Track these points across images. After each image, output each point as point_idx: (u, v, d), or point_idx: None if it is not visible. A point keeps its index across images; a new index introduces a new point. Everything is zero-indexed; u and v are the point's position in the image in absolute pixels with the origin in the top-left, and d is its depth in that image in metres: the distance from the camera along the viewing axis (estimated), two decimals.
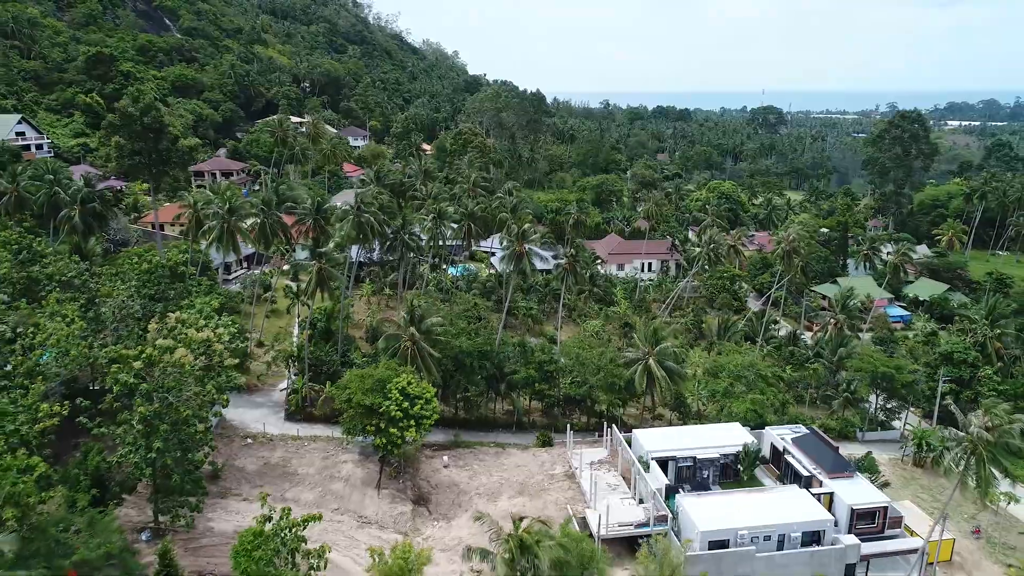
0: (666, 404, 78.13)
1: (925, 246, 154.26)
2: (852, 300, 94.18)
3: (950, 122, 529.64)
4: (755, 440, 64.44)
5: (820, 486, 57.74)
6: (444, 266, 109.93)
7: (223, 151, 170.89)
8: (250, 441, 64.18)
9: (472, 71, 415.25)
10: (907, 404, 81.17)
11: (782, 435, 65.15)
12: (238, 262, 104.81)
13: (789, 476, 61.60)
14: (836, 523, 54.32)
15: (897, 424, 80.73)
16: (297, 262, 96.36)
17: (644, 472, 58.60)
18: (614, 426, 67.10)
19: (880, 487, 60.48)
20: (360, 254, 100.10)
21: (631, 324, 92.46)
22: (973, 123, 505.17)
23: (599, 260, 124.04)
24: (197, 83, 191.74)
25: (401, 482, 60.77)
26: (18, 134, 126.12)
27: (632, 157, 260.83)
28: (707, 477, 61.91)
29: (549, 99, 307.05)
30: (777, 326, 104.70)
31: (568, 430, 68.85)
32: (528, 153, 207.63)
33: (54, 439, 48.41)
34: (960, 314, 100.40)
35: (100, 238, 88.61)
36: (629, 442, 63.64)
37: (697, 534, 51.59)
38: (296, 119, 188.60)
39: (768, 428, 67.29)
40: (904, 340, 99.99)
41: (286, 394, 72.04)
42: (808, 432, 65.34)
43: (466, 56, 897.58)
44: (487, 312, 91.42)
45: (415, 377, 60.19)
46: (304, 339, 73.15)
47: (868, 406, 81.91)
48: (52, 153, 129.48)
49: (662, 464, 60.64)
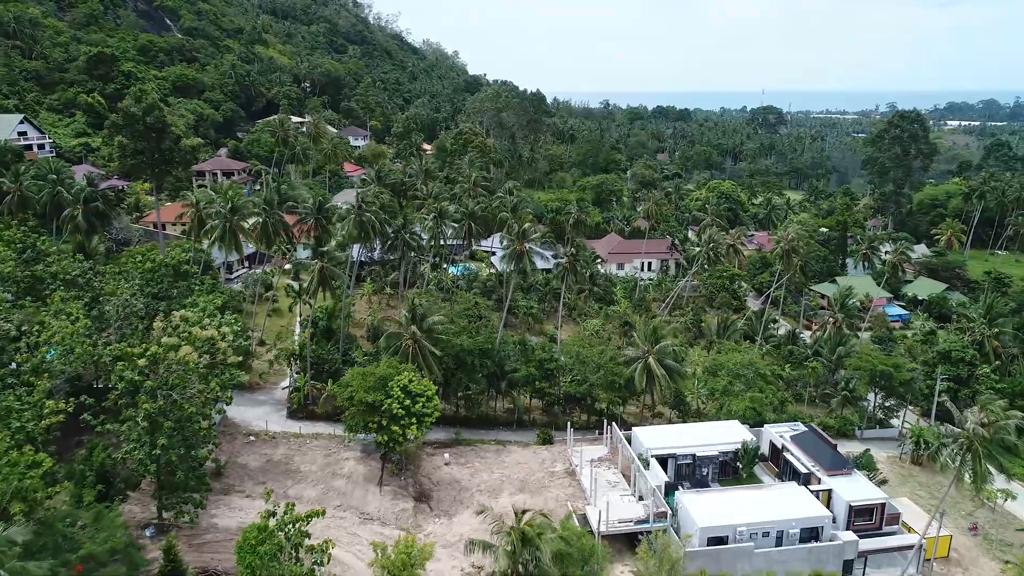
0: (666, 402, 78.60)
1: (924, 245, 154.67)
2: (851, 299, 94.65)
3: (950, 122, 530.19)
4: (754, 438, 64.91)
5: (818, 483, 58.20)
6: (445, 265, 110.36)
7: (224, 151, 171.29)
8: (253, 439, 64.66)
9: (472, 71, 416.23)
10: (905, 402, 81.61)
11: (781, 433, 65.62)
12: (240, 261, 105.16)
13: (788, 473, 62.07)
14: (834, 519, 54.84)
15: (895, 422, 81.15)
16: (299, 261, 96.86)
17: (644, 469, 59.04)
18: (614, 424, 67.56)
19: (878, 484, 60.94)
20: (361, 253, 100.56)
21: (631, 323, 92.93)
22: (973, 123, 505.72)
23: (599, 259, 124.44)
24: (198, 83, 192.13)
25: (403, 479, 61.22)
26: (20, 134, 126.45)
27: (632, 157, 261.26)
28: (706, 474, 62.42)
29: (549, 99, 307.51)
30: (776, 325, 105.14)
31: (568, 428, 69.33)
32: (528, 153, 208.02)
33: (59, 436, 48.96)
34: (958, 313, 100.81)
35: (103, 237, 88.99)
36: (629, 440, 64.09)
37: (696, 530, 52.05)
38: (297, 119, 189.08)
39: (767, 426, 67.78)
40: (903, 339, 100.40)
41: (288, 392, 72.49)
42: (807, 430, 65.82)
43: (466, 56, 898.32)
44: (488, 311, 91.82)
45: (416, 375, 60.62)
46: (306, 337, 73.59)
47: (867, 404, 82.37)
48: (54, 153, 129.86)
49: (662, 462, 61.12)
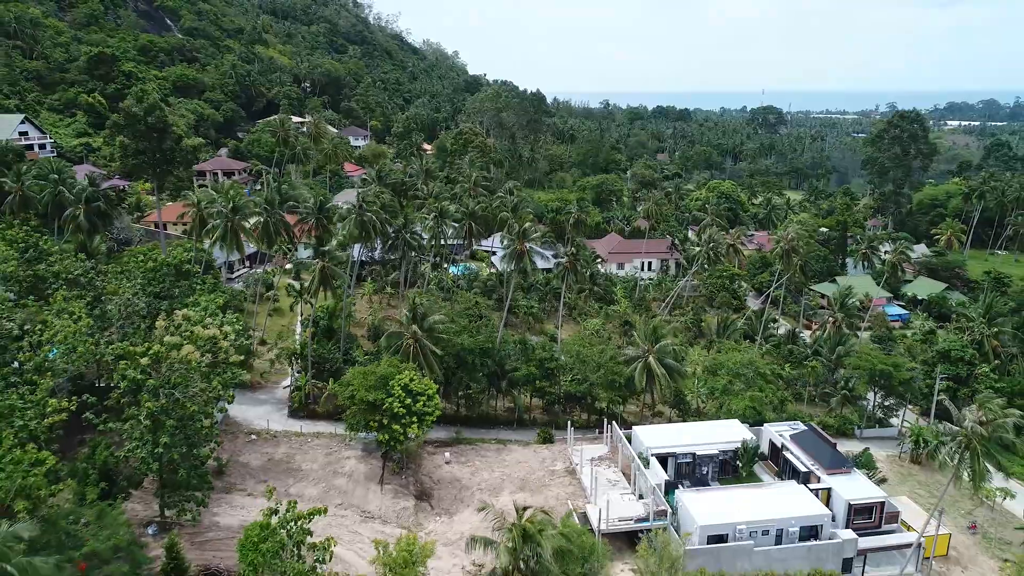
0: (666, 401, 78.80)
1: (924, 245, 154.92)
2: (851, 299, 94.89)
3: (950, 122, 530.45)
4: (754, 437, 65.09)
5: (818, 482, 58.40)
6: (445, 265, 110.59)
7: (224, 151, 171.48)
8: (254, 437, 64.88)
9: (472, 71, 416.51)
10: (905, 402, 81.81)
11: (780, 432, 65.81)
12: (241, 261, 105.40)
13: (787, 472, 62.26)
14: (834, 518, 55.01)
15: (895, 421, 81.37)
16: (299, 261, 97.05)
17: (644, 468, 59.23)
18: (614, 423, 67.77)
19: (877, 483, 61.15)
20: (362, 253, 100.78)
21: (631, 322, 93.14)
22: (973, 123, 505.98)
23: (599, 259, 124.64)
24: (198, 83, 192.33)
25: (403, 478, 61.44)
26: (21, 134, 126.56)
27: (632, 157, 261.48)
28: (706, 473, 62.62)
29: (549, 99, 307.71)
30: (776, 325, 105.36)
31: (569, 427, 69.52)
32: (528, 153, 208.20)
33: (62, 434, 49.15)
34: (958, 313, 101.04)
35: (104, 237, 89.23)
36: (629, 439, 64.29)
37: (696, 528, 52.26)
38: (297, 119, 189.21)
39: (767, 425, 67.98)
40: (902, 339, 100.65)
41: (289, 391, 72.70)
42: (806, 429, 66.02)
43: (466, 56, 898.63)
44: (488, 311, 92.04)
45: (417, 374, 60.85)
46: (307, 337, 73.82)
47: (866, 404, 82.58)
48: (55, 153, 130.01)
49: (662, 460, 61.33)
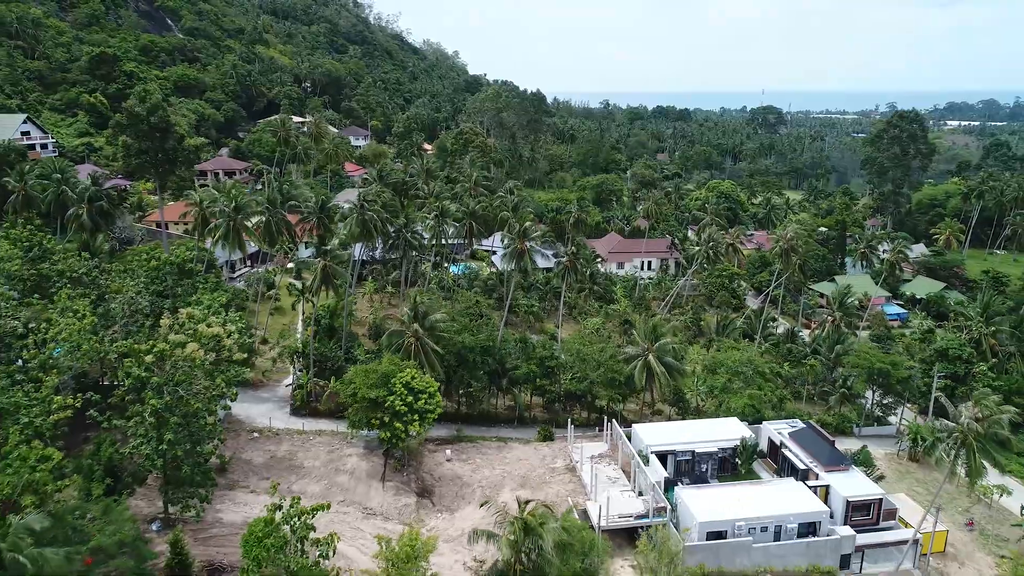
0: (665, 400, 79.26)
1: (923, 245, 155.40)
2: (849, 298, 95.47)
3: (949, 122, 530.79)
4: (753, 434, 65.55)
5: (816, 479, 58.82)
6: (446, 264, 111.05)
7: (225, 151, 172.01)
8: (256, 435, 65.30)
9: (472, 71, 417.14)
10: (903, 400, 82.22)
11: (779, 429, 66.24)
12: (242, 260, 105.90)
13: (786, 469, 62.70)
14: (832, 515, 55.41)
15: (893, 420, 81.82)
16: (301, 260, 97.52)
17: (644, 465, 59.64)
18: (614, 421, 68.20)
19: (875, 480, 61.59)
20: (363, 252, 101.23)
21: (631, 321, 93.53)
22: (972, 123, 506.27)
23: (599, 258, 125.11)
24: (199, 83, 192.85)
25: (405, 475, 61.87)
26: (23, 133, 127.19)
27: (632, 157, 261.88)
28: (705, 470, 63.05)
29: (549, 99, 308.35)
30: (775, 324, 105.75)
31: (569, 425, 69.94)
32: (529, 153, 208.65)
33: (67, 431, 49.61)
34: (956, 312, 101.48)
35: (107, 236, 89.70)
36: (629, 436, 64.72)
37: (695, 525, 52.68)
38: (298, 119, 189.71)
39: (765, 423, 68.37)
40: (901, 337, 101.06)
41: (291, 389, 73.11)
42: (805, 427, 66.48)
43: (466, 56, 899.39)
44: (488, 310, 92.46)
45: (418, 372, 61.31)
46: (309, 335, 74.26)
47: (865, 402, 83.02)
48: (57, 152, 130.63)
49: (661, 458, 61.73)
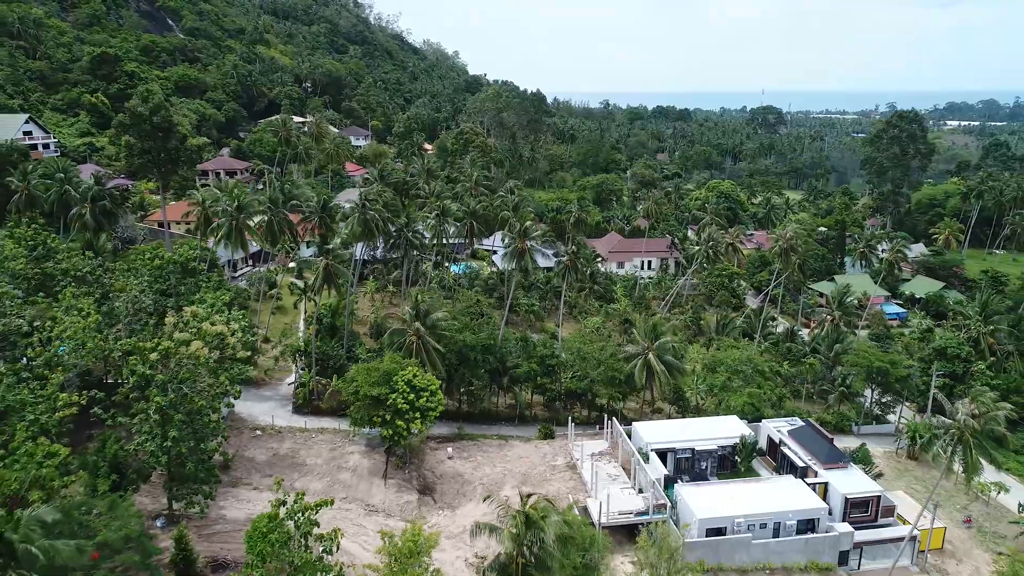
0: (665, 398, 79.69)
1: (922, 245, 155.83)
2: (849, 297, 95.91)
3: (949, 122, 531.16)
4: (752, 432, 66.02)
5: (815, 476, 59.23)
6: (447, 264, 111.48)
7: (226, 150, 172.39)
8: (259, 433, 65.75)
9: (473, 71, 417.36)
10: (902, 398, 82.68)
11: (778, 427, 66.69)
12: (244, 259, 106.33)
13: (785, 467, 63.14)
14: (830, 512, 55.92)
15: (892, 418, 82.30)
16: (302, 259, 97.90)
17: (644, 463, 60.07)
18: (614, 419, 68.62)
19: (874, 478, 61.99)
20: (364, 252, 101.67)
21: (631, 320, 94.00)
22: (972, 123, 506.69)
23: (599, 258, 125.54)
24: (200, 83, 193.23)
25: (407, 472, 62.32)
26: (25, 133, 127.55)
27: (632, 157, 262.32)
28: (705, 468, 63.50)
29: (549, 99, 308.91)
30: (775, 323, 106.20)
31: (569, 423, 70.39)
32: (529, 153, 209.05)
33: (72, 429, 50.02)
34: (955, 311, 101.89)
35: (110, 235, 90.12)
36: (629, 434, 65.17)
37: (695, 522, 53.15)
38: (299, 119, 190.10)
39: (765, 421, 68.82)
40: (900, 336, 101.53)
41: (293, 388, 73.54)
42: (804, 424, 66.90)
43: (467, 56, 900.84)
44: (489, 309, 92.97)
45: (420, 370, 61.74)
46: (311, 334, 74.67)
47: (863, 400, 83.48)
48: (58, 152, 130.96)
49: (661, 455, 62.21)
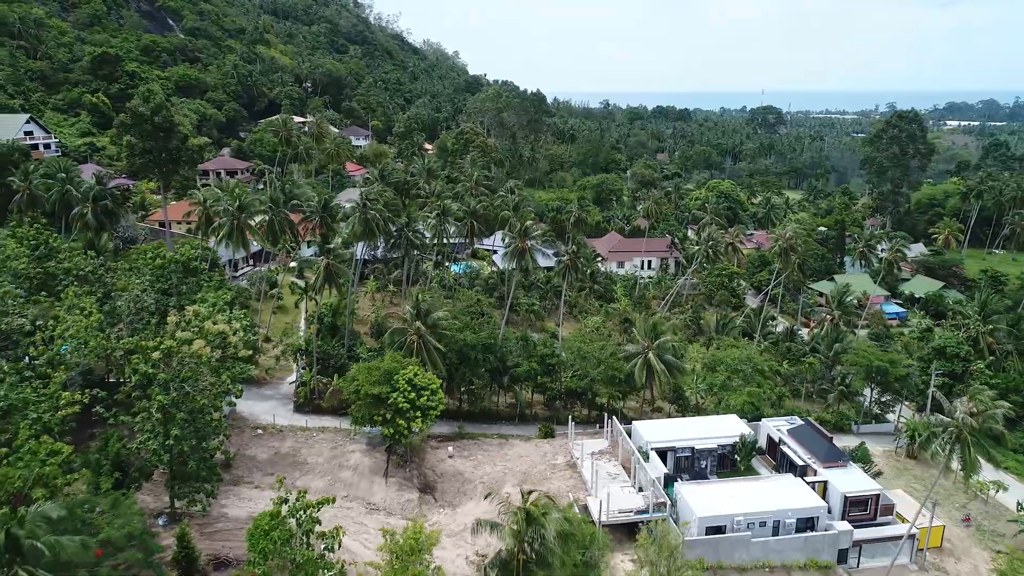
0: (665, 397, 79.93)
1: (922, 244, 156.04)
2: (848, 297, 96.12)
3: (949, 122, 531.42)
4: (752, 431, 66.22)
5: (814, 475, 59.43)
6: (447, 263, 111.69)
7: (227, 150, 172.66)
8: (260, 432, 65.97)
9: (473, 71, 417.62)
10: (901, 398, 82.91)
11: (778, 426, 66.89)
12: (245, 259, 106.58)
13: (785, 466, 63.35)
14: (829, 510, 56.11)
15: (891, 417, 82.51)
16: (303, 259, 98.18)
17: (644, 462, 60.26)
18: (614, 418, 68.83)
19: (873, 476, 62.19)
20: (364, 251, 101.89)
21: (631, 320, 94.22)
22: (972, 123, 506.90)
23: (599, 258, 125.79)
24: (200, 83, 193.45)
25: (408, 471, 62.55)
26: (26, 133, 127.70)
27: (632, 157, 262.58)
28: (705, 467, 63.71)
29: (549, 99, 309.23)
30: (775, 322, 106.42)
31: (570, 422, 70.60)
32: (529, 153, 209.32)
33: (74, 427, 50.28)
34: (954, 310, 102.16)
35: (111, 235, 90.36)
36: (629, 433, 65.37)
37: (695, 520, 53.36)
38: (299, 119, 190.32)
39: (764, 420, 68.99)
40: (899, 336, 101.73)
41: (295, 387, 73.76)
42: (803, 423, 67.08)
43: (467, 56, 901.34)
44: (490, 308, 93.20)
45: (421, 369, 61.98)
46: (312, 333, 74.89)
47: (863, 400, 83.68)
48: (59, 152, 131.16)
49: (661, 454, 62.38)
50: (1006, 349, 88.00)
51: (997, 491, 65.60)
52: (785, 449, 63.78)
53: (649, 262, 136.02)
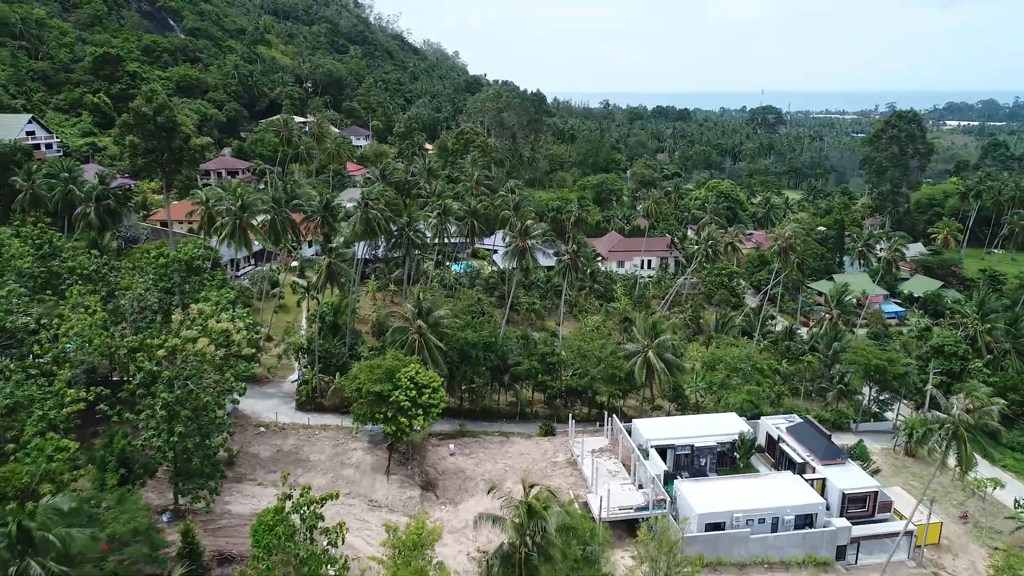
0: (665, 395, 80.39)
1: (921, 244, 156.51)
2: (847, 296, 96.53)
3: (949, 122, 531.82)
4: (751, 429, 66.72)
5: (813, 472, 59.95)
6: (448, 263, 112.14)
7: (228, 150, 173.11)
8: (263, 430, 66.42)
9: (473, 71, 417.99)
10: (899, 396, 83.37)
11: (777, 424, 67.39)
12: (247, 259, 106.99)
13: (783, 463, 63.86)
14: (828, 507, 56.61)
15: (890, 416, 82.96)
16: (305, 258, 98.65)
17: (644, 459, 60.77)
18: (615, 416, 69.30)
19: (871, 474, 62.72)
20: (365, 251, 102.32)
21: (631, 319, 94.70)
22: (972, 123, 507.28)
23: (600, 257, 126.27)
24: (201, 83, 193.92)
25: (409, 468, 63.00)
26: (28, 133, 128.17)
27: (632, 157, 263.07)
28: (704, 464, 64.19)
29: (549, 99, 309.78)
30: (774, 321, 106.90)
31: (570, 420, 71.04)
32: (529, 152, 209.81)
33: (79, 424, 50.68)
34: (952, 309, 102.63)
35: (114, 234, 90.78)
36: (629, 431, 65.86)
37: (694, 517, 53.82)
38: (300, 119, 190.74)
39: (764, 418, 69.52)
40: (898, 335, 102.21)
41: (296, 385, 74.20)
42: (802, 421, 67.59)
43: (467, 56, 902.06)
44: (490, 307, 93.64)
45: (422, 368, 62.41)
46: (313, 332, 75.33)
47: (861, 398, 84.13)
48: (61, 152, 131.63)
49: (661, 452, 62.91)
50: (1004, 348, 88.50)
51: (994, 488, 66.06)
52: (784, 447, 64.27)
53: (649, 261, 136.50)
